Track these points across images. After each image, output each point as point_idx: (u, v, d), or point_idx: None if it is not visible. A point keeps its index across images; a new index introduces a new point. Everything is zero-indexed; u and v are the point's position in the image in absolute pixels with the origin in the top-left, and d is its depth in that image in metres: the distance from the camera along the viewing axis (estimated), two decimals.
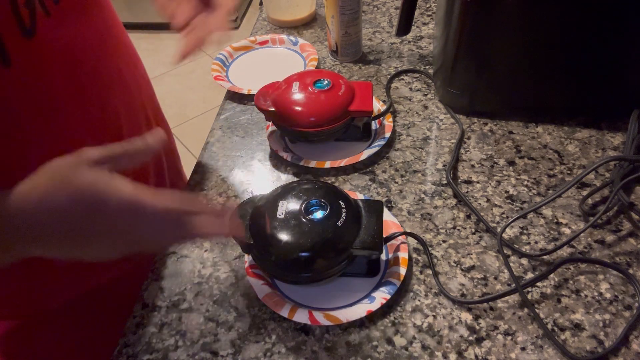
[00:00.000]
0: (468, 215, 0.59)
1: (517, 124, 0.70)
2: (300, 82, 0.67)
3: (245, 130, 0.74)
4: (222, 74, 0.85)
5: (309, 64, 0.83)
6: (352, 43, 0.83)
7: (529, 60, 0.66)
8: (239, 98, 0.80)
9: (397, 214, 0.60)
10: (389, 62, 0.84)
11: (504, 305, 0.51)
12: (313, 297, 0.53)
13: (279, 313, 0.50)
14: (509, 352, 0.47)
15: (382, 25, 0.93)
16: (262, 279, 0.53)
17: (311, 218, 0.49)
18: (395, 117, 0.73)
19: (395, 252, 0.55)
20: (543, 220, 0.58)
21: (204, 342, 0.50)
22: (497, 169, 0.64)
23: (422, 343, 0.49)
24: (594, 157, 0.65)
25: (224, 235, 0.43)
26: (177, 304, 0.54)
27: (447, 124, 0.72)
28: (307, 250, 0.48)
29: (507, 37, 0.64)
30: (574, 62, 0.65)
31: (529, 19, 0.62)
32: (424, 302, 0.52)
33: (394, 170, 0.66)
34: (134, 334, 0.52)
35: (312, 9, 0.96)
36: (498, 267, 0.54)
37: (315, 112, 0.64)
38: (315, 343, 0.49)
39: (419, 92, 0.77)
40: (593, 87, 0.67)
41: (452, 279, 0.53)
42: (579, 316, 0.49)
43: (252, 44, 0.90)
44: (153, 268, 0.57)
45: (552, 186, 0.62)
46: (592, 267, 0.53)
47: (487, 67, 0.68)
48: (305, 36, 0.93)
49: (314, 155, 0.68)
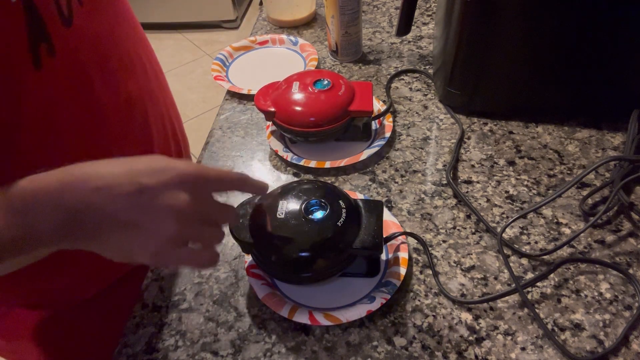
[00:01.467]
0: (468, 215, 0.59)
1: (517, 124, 0.70)
2: (300, 82, 0.67)
3: (245, 130, 0.74)
4: (222, 74, 0.85)
5: (309, 64, 0.83)
6: (352, 43, 0.83)
7: (529, 60, 0.66)
8: (239, 98, 0.80)
9: (397, 214, 0.60)
10: (389, 62, 0.84)
11: (504, 305, 0.51)
12: (313, 297, 0.52)
13: (279, 313, 0.50)
14: (509, 352, 0.47)
15: (382, 25, 0.93)
16: (262, 279, 0.53)
17: (311, 218, 0.49)
18: (395, 117, 0.73)
19: (395, 252, 0.55)
20: (543, 220, 0.58)
21: (204, 342, 0.50)
22: (497, 169, 0.64)
23: (422, 343, 0.49)
24: (594, 157, 0.65)
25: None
26: (177, 304, 0.54)
27: (447, 124, 0.72)
28: (307, 250, 0.48)
29: (507, 37, 0.64)
30: (574, 62, 0.65)
31: (529, 19, 0.62)
32: (424, 302, 0.52)
33: (394, 170, 0.66)
34: (134, 334, 0.52)
35: (312, 9, 0.96)
36: (498, 267, 0.54)
37: (315, 112, 0.64)
38: (315, 343, 0.49)
39: (419, 92, 0.77)
40: (593, 87, 0.67)
41: (452, 279, 0.53)
42: (579, 316, 0.49)
43: (252, 44, 0.90)
44: (153, 268, 0.57)
45: (552, 186, 0.62)
46: (592, 267, 0.53)
47: (487, 67, 0.67)
48: (305, 36, 0.93)
49: (314, 155, 0.68)
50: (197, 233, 0.40)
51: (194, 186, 0.39)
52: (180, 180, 0.38)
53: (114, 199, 0.37)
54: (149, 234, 0.38)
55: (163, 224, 0.38)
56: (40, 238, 0.37)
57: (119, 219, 0.37)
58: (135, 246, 0.38)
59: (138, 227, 0.37)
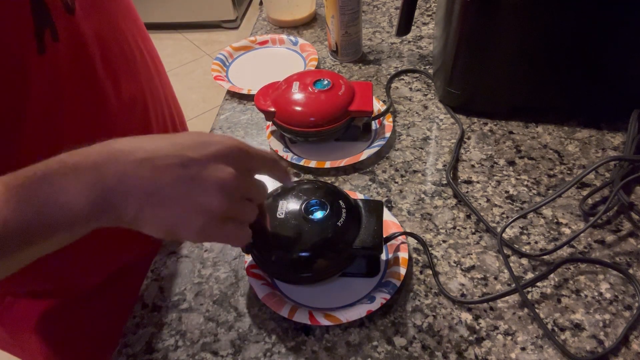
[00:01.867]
0: (468, 215, 0.59)
1: (517, 124, 0.70)
2: (300, 82, 0.67)
3: (245, 130, 0.74)
4: (222, 74, 0.85)
5: (309, 64, 0.83)
6: (352, 43, 0.83)
7: (529, 60, 0.66)
8: (239, 98, 0.80)
9: (397, 214, 0.60)
10: (389, 62, 0.84)
11: (504, 305, 0.51)
12: (313, 297, 0.52)
13: (279, 313, 0.50)
14: (509, 352, 0.47)
15: (382, 25, 0.93)
16: (262, 279, 0.53)
17: (311, 218, 0.49)
18: (395, 117, 0.73)
19: (395, 252, 0.55)
20: (543, 220, 0.58)
21: (204, 342, 0.50)
22: (497, 169, 0.64)
23: (422, 343, 0.49)
24: (594, 157, 0.65)
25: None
26: (177, 304, 0.54)
27: (447, 124, 0.72)
28: (307, 250, 0.48)
29: (507, 37, 0.64)
30: (574, 62, 0.65)
31: (529, 18, 0.62)
32: (424, 302, 0.52)
33: (394, 170, 0.66)
34: (134, 334, 0.52)
35: (312, 9, 0.96)
36: (498, 267, 0.54)
37: (315, 112, 0.64)
38: (315, 343, 0.49)
39: (419, 92, 0.77)
40: (593, 87, 0.67)
41: (452, 279, 0.53)
42: (579, 316, 0.49)
43: (252, 44, 0.90)
44: (153, 268, 0.57)
45: (552, 186, 0.62)
46: (592, 267, 0.53)
47: (487, 67, 0.67)
48: (305, 36, 0.93)
49: (314, 155, 0.68)
50: (239, 208, 0.39)
51: (237, 160, 0.38)
52: (225, 153, 0.38)
53: (159, 171, 0.36)
54: (195, 208, 0.37)
55: (210, 198, 0.36)
56: (77, 216, 0.35)
57: (164, 192, 0.36)
58: (181, 221, 0.37)
59: (184, 201, 0.36)
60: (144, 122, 0.61)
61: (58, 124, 0.49)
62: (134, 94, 0.58)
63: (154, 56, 0.66)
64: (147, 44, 0.64)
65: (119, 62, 0.55)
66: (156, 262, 0.58)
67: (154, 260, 0.58)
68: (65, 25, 0.47)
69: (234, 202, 0.38)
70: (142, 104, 0.60)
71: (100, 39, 0.52)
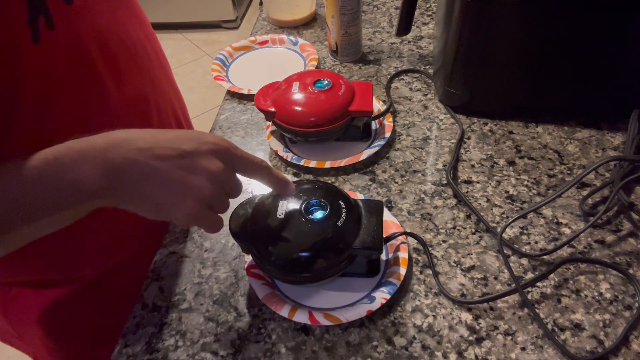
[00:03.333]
0: (468, 215, 0.59)
1: (517, 124, 0.70)
2: (300, 82, 0.67)
3: (245, 130, 0.74)
4: (222, 74, 0.85)
5: (309, 64, 0.83)
6: (352, 43, 0.83)
7: (529, 60, 0.66)
8: (239, 98, 0.80)
9: (397, 214, 0.60)
10: (389, 62, 0.84)
11: (504, 305, 0.51)
12: (313, 297, 0.53)
13: (279, 313, 0.50)
14: (509, 352, 0.47)
15: (382, 25, 0.93)
16: (262, 279, 0.53)
17: (311, 218, 0.49)
18: (395, 117, 0.73)
19: (395, 252, 0.55)
20: (543, 220, 0.58)
21: (204, 342, 0.50)
22: (497, 169, 0.64)
23: (422, 343, 0.49)
24: (594, 157, 0.65)
25: None
26: (177, 304, 0.54)
27: (447, 124, 0.72)
28: (307, 250, 0.48)
29: (507, 37, 0.64)
30: (574, 62, 0.65)
31: (529, 18, 0.62)
32: (424, 302, 0.52)
33: (394, 170, 0.66)
34: (134, 334, 0.52)
35: (312, 9, 0.96)
36: (498, 267, 0.54)
37: (315, 112, 0.64)
38: (315, 343, 0.49)
39: (419, 92, 0.77)
40: (593, 87, 0.67)
41: (452, 279, 0.53)
42: (579, 316, 0.49)
43: (252, 44, 0.90)
44: (153, 268, 0.57)
45: (552, 186, 0.62)
46: (592, 267, 0.53)
47: (487, 67, 0.68)
48: (305, 36, 0.93)
49: (314, 155, 0.68)
50: (221, 199, 0.45)
51: (224, 157, 0.44)
52: (216, 150, 0.43)
53: (158, 159, 0.40)
54: (188, 193, 0.41)
55: (202, 184, 0.41)
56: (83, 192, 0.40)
57: (163, 177, 0.40)
58: (175, 201, 0.41)
59: (179, 185, 0.41)
60: (147, 117, 0.61)
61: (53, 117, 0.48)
62: (137, 89, 0.58)
63: (159, 52, 0.66)
64: (151, 40, 0.64)
65: (121, 56, 0.55)
66: (156, 262, 0.58)
67: (154, 260, 0.58)
68: (62, 15, 0.46)
69: (219, 192, 0.43)
70: (145, 100, 0.60)
71: (100, 32, 0.52)
